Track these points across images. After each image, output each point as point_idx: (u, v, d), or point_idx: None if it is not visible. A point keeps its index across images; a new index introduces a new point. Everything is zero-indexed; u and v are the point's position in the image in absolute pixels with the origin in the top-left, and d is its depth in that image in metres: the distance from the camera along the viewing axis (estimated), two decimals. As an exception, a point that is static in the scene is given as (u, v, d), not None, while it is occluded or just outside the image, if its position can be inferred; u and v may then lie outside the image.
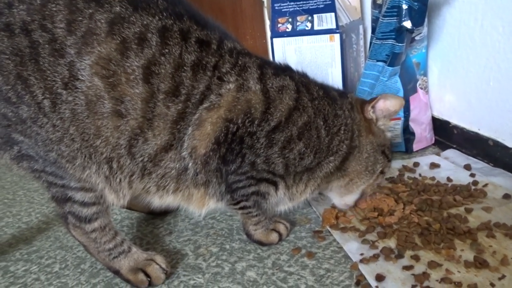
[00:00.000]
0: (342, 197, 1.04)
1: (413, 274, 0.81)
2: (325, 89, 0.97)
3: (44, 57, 0.76)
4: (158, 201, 0.93)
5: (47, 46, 0.76)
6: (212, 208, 0.95)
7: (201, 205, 0.93)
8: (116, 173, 0.85)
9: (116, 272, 0.90)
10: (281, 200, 0.98)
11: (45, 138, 0.80)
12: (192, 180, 0.88)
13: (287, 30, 1.57)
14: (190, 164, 0.86)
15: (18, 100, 0.78)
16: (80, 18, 0.77)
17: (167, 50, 0.80)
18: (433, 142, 1.49)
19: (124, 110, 0.80)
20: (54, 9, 0.77)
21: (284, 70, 0.95)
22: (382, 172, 1.02)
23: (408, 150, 1.44)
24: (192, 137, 0.84)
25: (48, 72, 0.77)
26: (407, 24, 1.28)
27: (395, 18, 1.29)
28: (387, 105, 0.96)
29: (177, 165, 0.86)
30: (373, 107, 0.97)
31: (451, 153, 1.36)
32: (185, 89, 0.82)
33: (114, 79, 0.78)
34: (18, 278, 0.97)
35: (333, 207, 1.09)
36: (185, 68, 0.81)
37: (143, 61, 0.79)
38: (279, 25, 1.59)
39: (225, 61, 0.85)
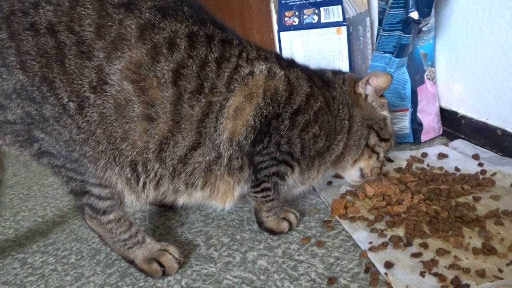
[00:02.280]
0: (342, 173, 1.13)
1: (421, 261, 0.82)
2: (321, 76, 1.04)
3: (70, 58, 0.78)
4: (187, 199, 0.96)
5: (73, 48, 0.78)
6: (236, 198, 0.98)
7: (225, 198, 0.97)
8: (140, 176, 0.88)
9: (131, 262, 0.93)
10: (295, 184, 1.04)
11: (67, 138, 0.82)
12: (226, 167, 0.92)
13: (294, 23, 1.57)
14: (225, 152, 0.90)
15: (43, 100, 0.79)
16: (109, 24, 0.79)
17: (194, 53, 0.84)
18: (441, 132, 1.49)
19: (154, 114, 0.83)
20: (83, 12, 0.78)
21: (292, 62, 1.01)
22: (374, 151, 1.06)
23: (416, 141, 1.44)
24: (232, 127, 0.88)
25: (75, 75, 0.78)
26: (414, 15, 1.28)
27: (402, 9, 1.29)
28: (379, 82, 1.03)
29: (207, 158, 0.89)
30: (365, 83, 1.03)
31: (459, 143, 1.37)
32: (209, 82, 0.86)
33: (145, 83, 0.81)
34: (36, 269, 1.00)
35: (342, 197, 1.11)
36: (209, 64, 0.85)
37: (173, 64, 0.82)
38: (286, 18, 1.60)
39: (249, 51, 0.92)
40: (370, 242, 0.91)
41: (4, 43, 0.78)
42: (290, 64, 0.99)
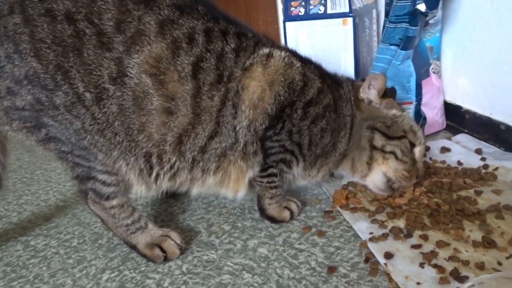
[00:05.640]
0: (365, 180, 1.06)
1: (421, 253, 0.83)
2: (332, 76, 1.06)
3: (89, 48, 0.78)
4: (201, 186, 0.97)
5: (94, 37, 0.78)
6: (246, 185, 0.98)
7: (237, 186, 0.98)
8: (154, 168, 0.89)
9: (133, 247, 0.93)
10: (297, 177, 1.05)
11: (79, 127, 0.82)
12: (241, 152, 0.93)
13: (300, 13, 1.56)
14: (242, 138, 0.91)
15: (56, 88, 0.79)
16: (129, 19, 0.80)
17: (211, 47, 0.85)
18: (444, 126, 1.49)
19: (174, 107, 0.84)
20: (103, 7, 0.79)
21: (307, 60, 1.02)
22: (386, 152, 1.00)
23: (419, 135, 1.44)
24: (252, 115, 0.90)
25: (93, 65, 0.78)
26: (421, 7, 1.27)
27: (409, 1, 1.28)
28: (379, 83, 1.01)
29: (224, 144, 0.90)
30: (367, 87, 1.03)
31: (462, 137, 1.36)
32: (227, 71, 0.87)
33: (165, 76, 0.82)
34: (39, 252, 1.01)
35: (344, 188, 1.11)
36: (226, 55, 0.87)
37: (192, 58, 0.83)
38: (292, 8, 1.58)
39: (264, 42, 0.94)
40: (371, 233, 0.91)
41: (17, 28, 0.77)
42: (304, 60, 1.00)
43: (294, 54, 0.99)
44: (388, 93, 1.06)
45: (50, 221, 1.15)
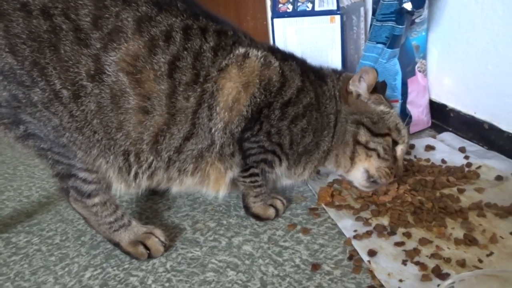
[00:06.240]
0: (348, 176, 1.06)
1: (404, 250, 0.84)
2: (317, 71, 1.04)
3: (66, 44, 0.76)
4: (179, 186, 0.96)
5: (71, 33, 0.76)
6: (228, 185, 0.97)
7: (218, 186, 0.97)
8: (132, 166, 0.88)
9: (117, 245, 0.92)
10: (282, 177, 1.05)
11: (57, 124, 0.81)
12: (217, 154, 0.92)
13: (288, 10, 1.56)
14: (218, 140, 0.90)
15: (32, 84, 0.78)
16: (106, 16, 0.78)
17: (189, 45, 0.84)
18: (429, 125, 1.50)
19: (150, 107, 0.82)
20: (80, 2, 0.77)
21: (289, 56, 1.01)
22: (370, 149, 0.99)
23: (404, 133, 1.45)
24: (227, 117, 0.88)
25: (70, 62, 0.77)
26: (408, 5, 1.28)
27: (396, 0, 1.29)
28: (370, 78, 1.00)
29: (200, 146, 0.89)
30: (357, 81, 1.01)
31: (446, 136, 1.38)
32: (204, 71, 0.86)
33: (141, 75, 0.80)
34: (20, 249, 0.99)
35: (329, 185, 1.12)
36: (204, 54, 0.85)
37: (169, 57, 0.82)
38: (280, 5, 1.58)
39: (242, 40, 0.92)
40: (355, 230, 0.92)
41: None
42: (286, 56, 0.99)
43: (274, 51, 0.97)
44: (378, 89, 1.04)
45: (33, 218, 1.13)
